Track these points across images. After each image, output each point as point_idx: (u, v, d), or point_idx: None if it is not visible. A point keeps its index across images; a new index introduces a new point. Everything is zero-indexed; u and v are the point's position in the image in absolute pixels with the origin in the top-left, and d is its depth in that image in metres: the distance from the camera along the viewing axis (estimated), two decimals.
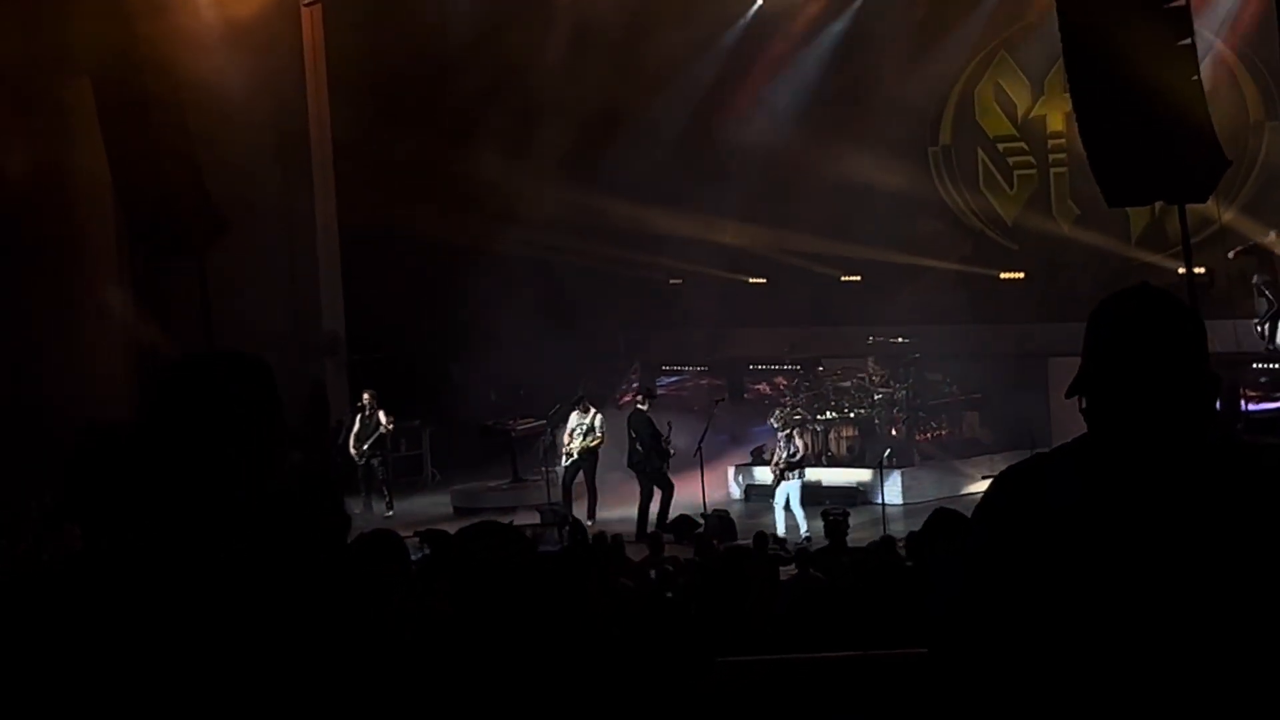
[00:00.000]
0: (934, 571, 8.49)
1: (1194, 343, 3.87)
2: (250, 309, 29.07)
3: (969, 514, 4.15)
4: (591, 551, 17.98)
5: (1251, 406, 24.85)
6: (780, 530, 24.23)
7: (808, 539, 23.19)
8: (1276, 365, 25.55)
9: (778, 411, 26.75)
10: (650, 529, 24.93)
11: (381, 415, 28.30)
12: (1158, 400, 3.80)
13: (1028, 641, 3.75)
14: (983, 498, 4.00)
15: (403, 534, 9.33)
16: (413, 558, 9.30)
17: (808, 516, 24.74)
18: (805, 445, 26.12)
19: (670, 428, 26.59)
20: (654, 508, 25.96)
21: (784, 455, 25.21)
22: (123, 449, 4.67)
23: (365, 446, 28.19)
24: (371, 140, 30.14)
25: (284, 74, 31.05)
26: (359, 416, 28.53)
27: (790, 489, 24.99)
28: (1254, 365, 25.07)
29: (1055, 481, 3.85)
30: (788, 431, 25.73)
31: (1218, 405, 4.05)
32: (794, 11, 32.68)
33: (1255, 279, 25.62)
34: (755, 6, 32.93)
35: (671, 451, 26.34)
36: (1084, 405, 3.88)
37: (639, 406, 26.79)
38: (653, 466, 26.19)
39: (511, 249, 31.29)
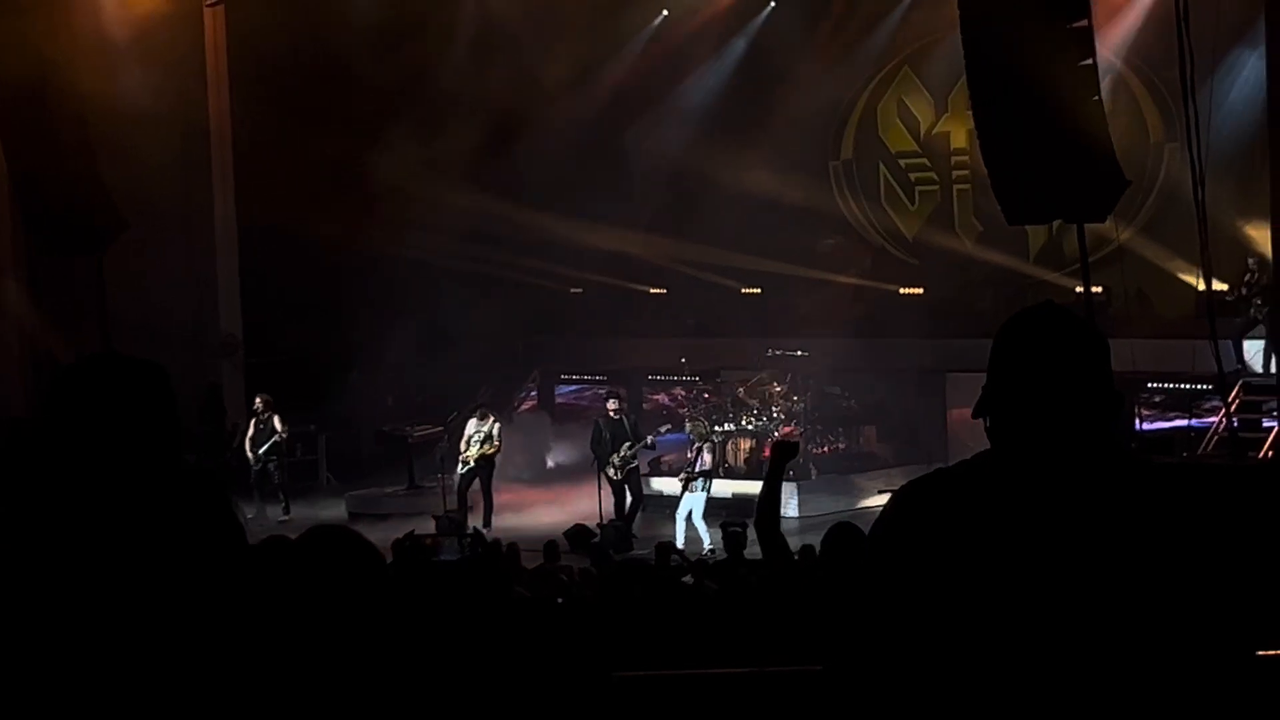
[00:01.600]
0: (836, 588, 8.49)
1: (1098, 362, 3.89)
2: (148, 309, 28.84)
3: (867, 528, 4.15)
4: (490, 561, 17.92)
5: (1146, 425, 25.06)
6: (679, 542, 24.20)
7: (711, 551, 23.17)
8: (1170, 385, 25.77)
9: (691, 424, 26.73)
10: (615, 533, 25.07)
11: (277, 421, 28.11)
12: (1062, 419, 3.81)
13: (930, 657, 3.74)
14: (882, 513, 3.99)
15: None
16: None
17: (707, 528, 24.79)
18: (714, 458, 26.11)
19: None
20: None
21: (694, 467, 25.23)
22: (24, 444, 4.65)
23: (260, 451, 28.00)
24: (274, 141, 29.94)
25: (186, 73, 30.82)
26: (254, 420, 28.34)
27: (694, 501, 24.98)
28: (1149, 385, 25.28)
29: (957, 498, 3.85)
30: (699, 445, 25.76)
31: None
32: (699, 23, 32.71)
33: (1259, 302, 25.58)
34: (660, 17, 32.96)
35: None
36: (989, 423, 3.89)
37: (616, 414, 26.60)
38: (630, 471, 26.23)
39: (412, 254, 31.16)
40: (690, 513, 24.90)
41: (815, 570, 9.75)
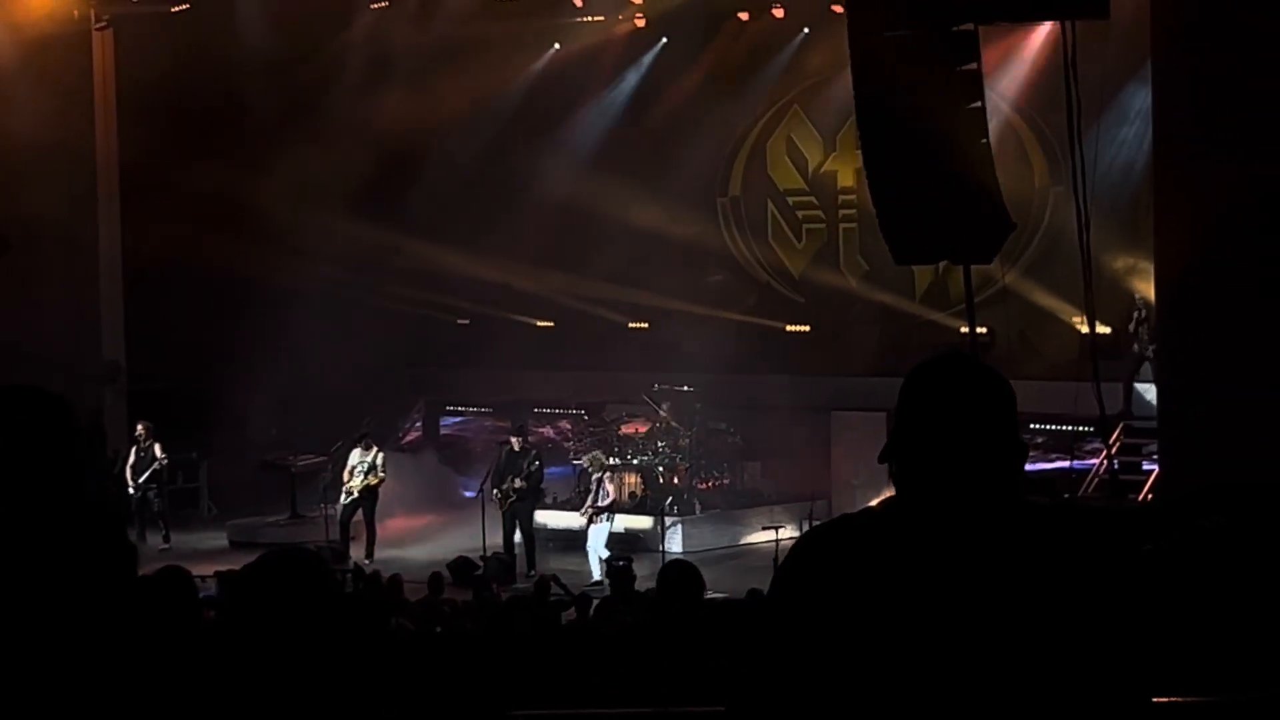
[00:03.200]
0: (739, 630, 8.48)
1: (1005, 411, 3.89)
2: (30, 335, 28.53)
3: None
4: (372, 593, 17.82)
5: (1029, 466, 25.18)
6: (596, 574, 24.26)
7: (599, 583, 23.14)
8: (1052, 426, 25.99)
9: (590, 455, 26.68)
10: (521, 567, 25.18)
11: (157, 448, 27.89)
12: (969, 467, 3.81)
13: (834, 705, 3.73)
14: (786, 559, 3.98)
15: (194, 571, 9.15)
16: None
17: (586, 561, 24.81)
18: (615, 489, 26.11)
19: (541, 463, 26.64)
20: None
21: (595, 499, 25.24)
22: None
23: (141, 479, 27.74)
24: (161, 167, 29.72)
25: (73, 97, 30.58)
26: (134, 448, 28.09)
27: (599, 533, 25.02)
28: (1031, 426, 25.45)
29: (860, 546, 3.85)
30: (599, 475, 25.76)
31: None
32: (590, 58, 32.74)
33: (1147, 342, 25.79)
34: (551, 51, 32.97)
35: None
36: (894, 469, 3.88)
37: (517, 447, 26.53)
38: (529, 503, 26.18)
39: (298, 282, 30.96)
40: (599, 543, 25.02)
41: (651, 607, 9.74)
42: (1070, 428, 25.57)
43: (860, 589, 3.76)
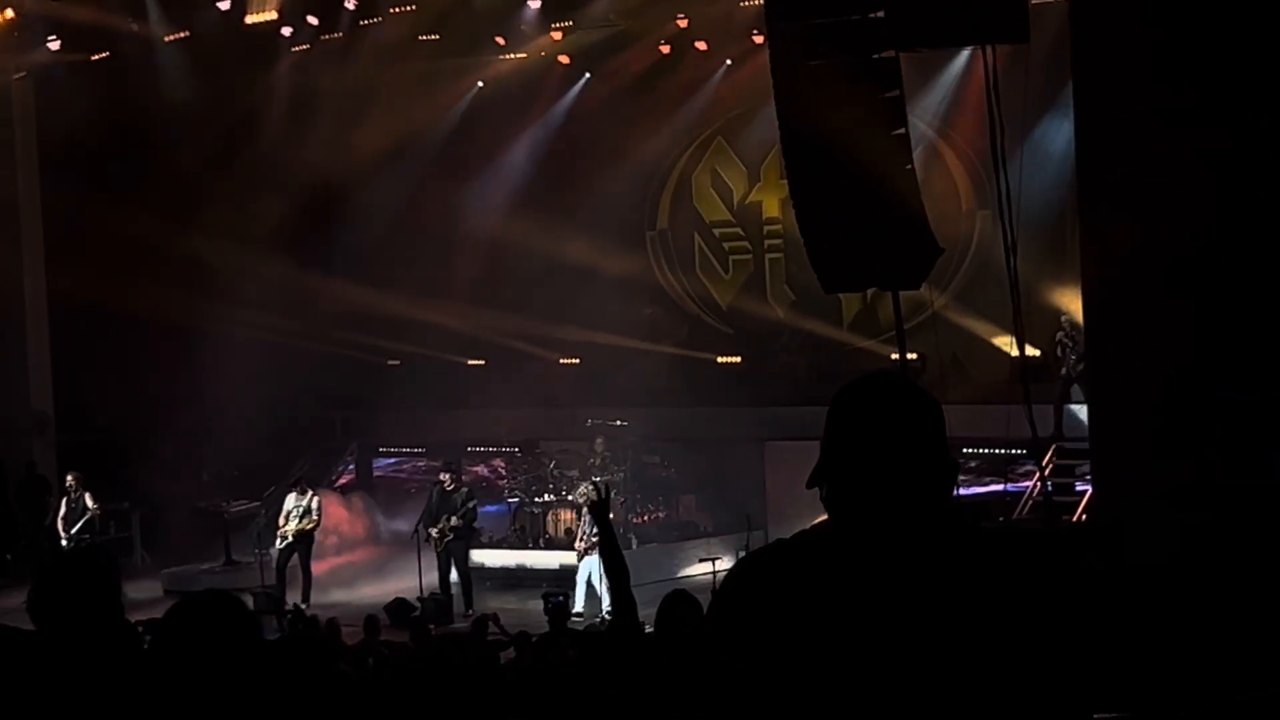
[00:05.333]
0: (676, 659, 8.45)
1: (933, 429, 3.88)
2: None
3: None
4: (310, 637, 17.70)
5: (962, 490, 25.27)
6: (579, 606, 24.20)
7: (610, 613, 23.01)
8: (985, 450, 26.02)
9: (582, 487, 26.49)
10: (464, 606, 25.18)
11: (88, 498, 27.69)
12: (898, 487, 3.79)
13: None
14: (722, 585, 3.96)
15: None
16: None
17: (524, 599, 24.71)
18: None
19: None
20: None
21: (589, 532, 25.19)
22: None
23: (74, 530, 27.52)
24: (84, 215, 29.57)
25: None
26: (65, 499, 27.88)
27: (591, 566, 24.90)
28: (964, 450, 25.51)
29: (795, 569, 3.82)
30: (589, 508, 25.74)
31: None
32: (514, 96, 32.76)
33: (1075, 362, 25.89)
34: (474, 90, 32.96)
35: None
36: (824, 493, 3.86)
37: (449, 486, 26.46)
38: (464, 543, 26.11)
39: (227, 328, 30.78)
40: (589, 576, 24.86)
41: (654, 638, 9.71)
42: (1003, 451, 25.63)
43: (797, 610, 3.74)
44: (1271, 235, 16.21)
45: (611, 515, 26.16)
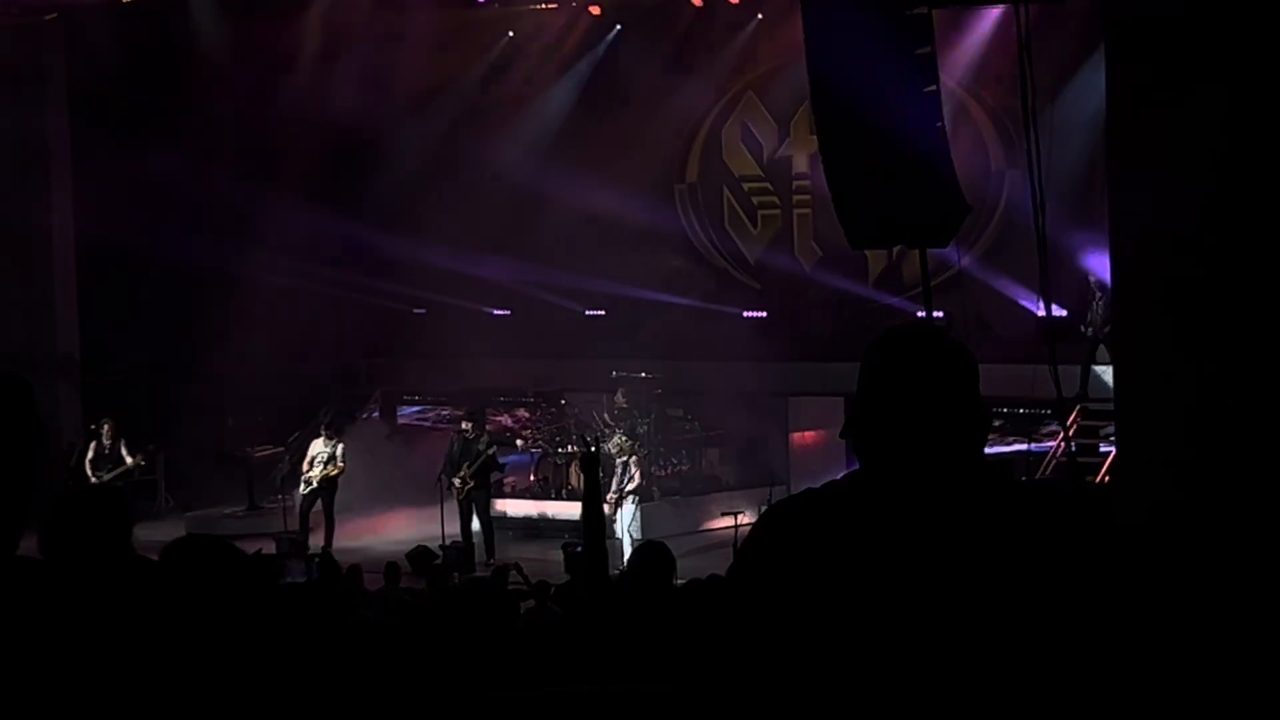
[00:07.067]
0: (701, 610, 8.48)
1: (966, 380, 3.88)
2: None
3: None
4: (332, 583, 17.78)
5: (987, 450, 25.23)
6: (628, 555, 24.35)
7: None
8: (1009, 409, 25.99)
9: (614, 439, 26.51)
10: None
11: (124, 450, 27.72)
12: (930, 437, 3.79)
13: (794, 679, 3.71)
14: (750, 534, 3.96)
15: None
16: None
17: (545, 549, 24.80)
18: (641, 473, 26.08)
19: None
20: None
21: (622, 483, 25.23)
22: None
23: (105, 475, 27.53)
24: (113, 157, 29.56)
25: (24, 88, 30.41)
26: (93, 442, 27.91)
27: (624, 516, 24.96)
28: (990, 409, 25.47)
29: (824, 519, 3.82)
30: (625, 459, 25.74)
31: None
32: (544, 44, 32.71)
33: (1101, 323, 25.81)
34: (505, 39, 32.90)
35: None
36: (857, 443, 3.86)
37: (471, 434, 26.54)
38: (485, 491, 26.15)
39: (254, 273, 30.83)
40: (629, 526, 24.97)
41: (626, 587, 9.77)
42: (1028, 410, 25.62)
43: (825, 562, 3.74)
44: None
45: (636, 468, 26.27)
